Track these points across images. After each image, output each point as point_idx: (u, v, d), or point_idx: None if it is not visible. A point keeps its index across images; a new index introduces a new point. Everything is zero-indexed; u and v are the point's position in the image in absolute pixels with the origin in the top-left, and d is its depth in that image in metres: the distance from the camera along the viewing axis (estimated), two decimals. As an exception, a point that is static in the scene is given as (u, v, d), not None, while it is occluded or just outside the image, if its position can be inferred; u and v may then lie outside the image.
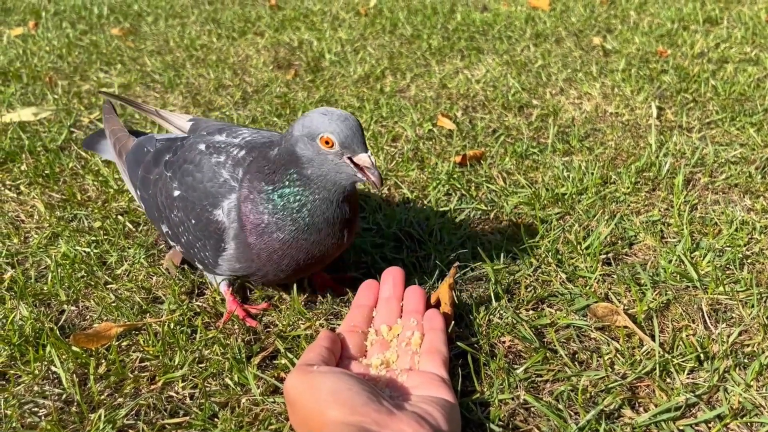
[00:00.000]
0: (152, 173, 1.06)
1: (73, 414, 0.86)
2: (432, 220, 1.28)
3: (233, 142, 1.01)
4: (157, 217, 1.06)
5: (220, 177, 0.96)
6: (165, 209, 1.02)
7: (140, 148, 1.12)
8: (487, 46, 2.49)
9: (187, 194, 0.98)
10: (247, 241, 0.94)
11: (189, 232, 0.99)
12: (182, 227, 1.00)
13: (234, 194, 0.94)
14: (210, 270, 1.02)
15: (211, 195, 0.95)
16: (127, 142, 1.18)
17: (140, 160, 1.10)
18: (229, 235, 0.94)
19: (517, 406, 0.86)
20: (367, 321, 0.93)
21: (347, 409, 0.70)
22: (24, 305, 1.06)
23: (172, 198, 1.00)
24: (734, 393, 0.86)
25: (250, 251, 0.94)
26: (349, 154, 0.86)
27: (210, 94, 2.05)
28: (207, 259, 0.99)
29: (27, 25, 3.03)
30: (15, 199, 1.41)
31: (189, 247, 1.01)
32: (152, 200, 1.06)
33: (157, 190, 1.04)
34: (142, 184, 1.08)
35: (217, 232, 0.95)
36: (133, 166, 1.11)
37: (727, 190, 1.39)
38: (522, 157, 1.56)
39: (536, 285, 1.10)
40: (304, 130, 0.87)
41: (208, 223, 0.96)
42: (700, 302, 1.04)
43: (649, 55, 2.30)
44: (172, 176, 1.01)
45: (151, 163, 1.07)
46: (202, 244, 0.98)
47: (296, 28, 2.84)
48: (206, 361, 0.95)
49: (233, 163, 0.96)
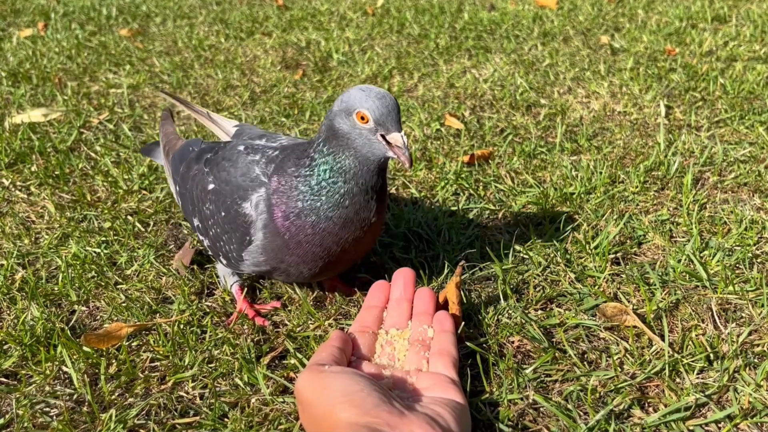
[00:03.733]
0: (192, 170, 1.09)
1: (84, 414, 0.87)
2: (440, 219, 1.28)
3: (270, 145, 1.04)
4: (191, 211, 1.08)
5: (252, 173, 0.98)
6: (198, 202, 1.04)
7: (186, 148, 1.15)
8: (495, 46, 2.49)
9: (220, 188, 1.00)
10: (277, 230, 0.94)
11: (218, 224, 1.01)
12: (212, 220, 1.02)
13: (263, 188, 0.95)
14: (233, 266, 1.03)
15: (241, 188, 0.97)
16: (176, 144, 1.21)
17: (184, 158, 1.13)
18: (257, 227, 0.95)
19: (526, 406, 0.86)
20: (377, 322, 0.94)
21: (359, 410, 0.70)
22: (35, 306, 1.07)
23: (206, 191, 1.03)
24: (744, 393, 0.86)
25: (280, 239, 0.94)
26: (383, 131, 0.87)
27: (218, 95, 2.06)
28: (231, 252, 1.00)
29: (36, 26, 3.05)
30: (25, 200, 1.42)
31: (216, 240, 1.02)
32: (189, 195, 1.08)
33: (194, 185, 1.06)
34: (182, 179, 1.10)
35: (244, 225, 0.96)
36: (176, 164, 1.14)
37: (736, 189, 1.39)
38: (530, 157, 1.56)
39: (545, 285, 1.10)
40: (342, 105, 0.88)
41: (236, 216, 0.97)
42: (709, 302, 1.03)
43: (658, 53, 2.29)
44: (208, 171, 1.04)
45: (193, 160, 1.10)
46: (228, 237, 0.99)
47: (304, 28, 2.84)
48: (216, 361, 0.95)
49: (266, 161, 0.98)
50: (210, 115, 1.26)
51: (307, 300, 1.05)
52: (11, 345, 0.99)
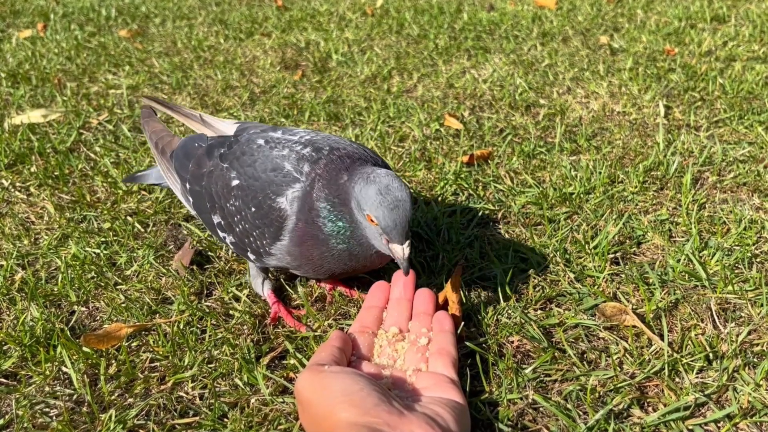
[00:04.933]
0: (205, 166, 1.08)
1: (84, 414, 0.87)
2: (440, 220, 1.28)
3: (292, 138, 1.04)
4: (208, 208, 1.07)
5: (283, 168, 0.98)
6: (220, 199, 1.04)
7: (191, 144, 1.14)
8: (494, 46, 2.49)
9: (247, 183, 1.00)
10: (299, 237, 0.96)
11: (246, 220, 1.00)
12: (238, 216, 1.01)
13: (299, 185, 0.96)
14: (261, 260, 1.03)
15: (274, 184, 0.97)
16: (171, 141, 1.19)
17: (191, 154, 1.12)
18: (288, 227, 0.96)
19: (525, 406, 0.86)
20: (377, 322, 0.94)
21: (359, 410, 0.70)
22: (35, 306, 1.07)
23: (229, 188, 1.02)
24: (744, 392, 0.86)
25: (297, 248, 0.97)
26: (388, 239, 0.89)
27: (218, 95, 2.06)
28: (262, 247, 1.00)
29: (35, 27, 3.05)
30: (25, 201, 1.42)
31: (244, 236, 1.02)
32: (204, 192, 1.07)
33: (212, 182, 1.05)
34: (194, 177, 1.09)
35: (279, 220, 0.97)
36: (182, 161, 1.13)
37: (735, 189, 1.39)
38: (529, 157, 1.56)
39: (544, 284, 1.10)
40: (359, 197, 0.89)
41: (269, 211, 0.97)
42: (708, 301, 1.03)
43: (657, 53, 2.29)
44: (229, 167, 1.03)
45: (204, 156, 1.09)
46: (260, 232, 0.99)
47: (303, 29, 2.84)
48: (216, 361, 0.95)
49: (297, 158, 0.99)
50: (203, 118, 1.23)
51: (308, 302, 1.05)
52: (11, 345, 0.99)
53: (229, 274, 1.16)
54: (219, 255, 1.21)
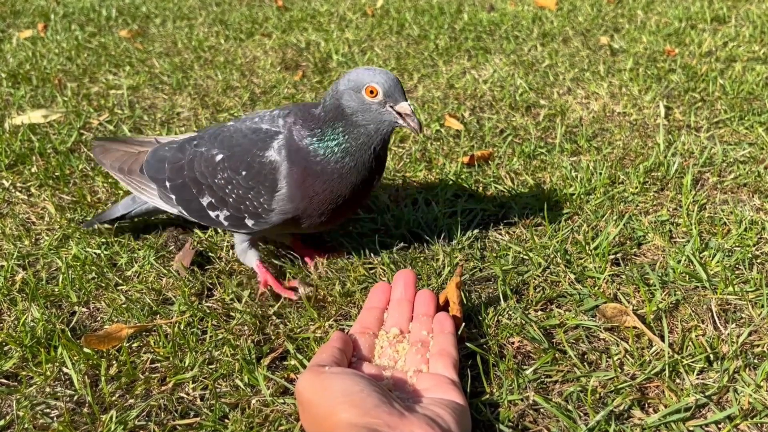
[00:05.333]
0: (181, 160, 1.12)
1: (84, 415, 0.87)
2: (440, 220, 1.28)
3: (264, 114, 1.09)
4: (195, 193, 1.11)
5: (260, 128, 1.06)
6: (206, 178, 1.09)
7: (160, 150, 1.18)
8: (495, 46, 2.49)
9: (231, 152, 1.06)
10: (296, 182, 1.01)
11: (238, 186, 1.05)
12: (230, 186, 1.06)
13: (281, 135, 1.03)
14: (263, 221, 1.07)
15: (259, 141, 1.04)
16: (137, 158, 1.21)
17: (163, 157, 1.15)
18: (282, 174, 1.02)
19: (526, 407, 0.86)
20: (378, 323, 0.94)
21: (359, 411, 0.70)
22: (35, 307, 1.07)
23: (214, 164, 1.07)
24: (744, 393, 0.86)
25: (299, 190, 1.02)
26: (392, 102, 0.96)
27: (218, 96, 2.06)
28: (261, 206, 1.05)
29: (36, 27, 3.05)
30: (26, 201, 1.42)
31: (239, 203, 1.06)
32: (187, 180, 1.11)
33: (193, 167, 1.10)
34: (172, 172, 1.13)
35: (272, 172, 1.02)
36: (156, 166, 1.16)
37: (736, 190, 1.39)
38: (530, 158, 1.56)
39: (545, 285, 1.10)
40: (350, 83, 0.97)
41: (260, 167, 1.03)
42: (709, 302, 1.03)
43: (657, 54, 2.29)
44: (208, 148, 1.09)
45: (177, 153, 1.14)
46: (256, 191, 1.04)
47: (303, 29, 2.85)
48: (216, 362, 0.95)
49: (270, 119, 1.06)
50: (158, 140, 1.24)
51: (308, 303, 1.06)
52: (12, 346, 0.99)
53: (230, 274, 1.16)
54: (219, 256, 1.21)
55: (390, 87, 0.96)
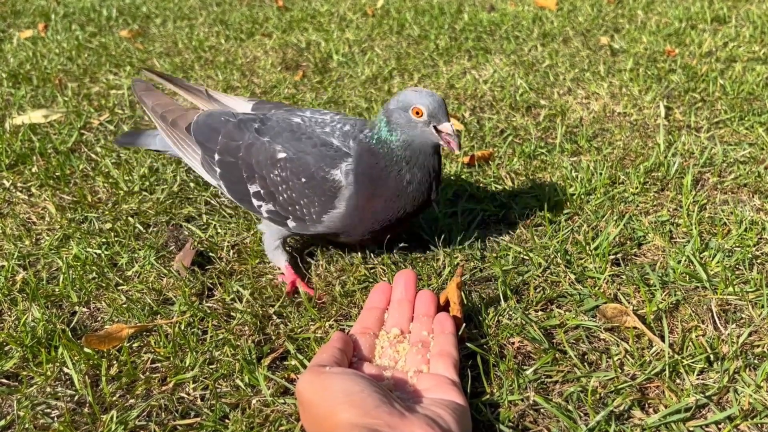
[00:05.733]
0: (240, 139, 1.14)
1: (85, 415, 0.87)
2: (441, 221, 1.28)
3: (325, 119, 1.14)
4: (244, 178, 1.13)
5: (332, 144, 1.09)
6: (262, 169, 1.11)
7: (216, 118, 1.19)
8: (495, 46, 2.49)
9: (296, 156, 1.08)
10: (359, 205, 1.06)
11: (293, 190, 1.08)
12: (284, 185, 1.09)
13: (350, 158, 1.06)
14: (304, 227, 1.10)
15: (327, 157, 1.07)
16: (185, 114, 1.23)
17: (218, 128, 1.17)
18: (344, 195, 1.06)
19: (526, 407, 0.86)
20: (378, 323, 0.94)
21: (360, 411, 0.70)
22: (36, 307, 1.07)
23: (274, 159, 1.10)
24: (744, 394, 0.86)
25: (358, 212, 1.06)
26: (435, 123, 1.02)
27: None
28: (309, 215, 1.08)
29: (36, 27, 3.05)
30: (26, 201, 1.42)
31: (288, 204, 1.09)
32: (241, 163, 1.13)
33: (251, 154, 1.12)
34: (225, 149, 1.15)
35: (332, 191, 1.06)
36: (208, 134, 1.18)
37: (736, 190, 1.39)
38: (530, 158, 1.56)
39: (545, 286, 1.10)
40: (399, 103, 1.04)
41: (323, 182, 1.06)
42: (709, 303, 1.03)
43: (657, 54, 2.29)
44: (271, 140, 1.11)
45: (235, 130, 1.15)
46: (310, 200, 1.07)
47: (304, 29, 2.85)
48: (217, 362, 0.95)
49: (341, 135, 1.10)
50: (208, 93, 1.29)
51: (309, 303, 1.06)
52: (12, 346, 0.99)
53: (230, 274, 1.16)
54: (220, 256, 1.21)
55: (434, 109, 1.02)
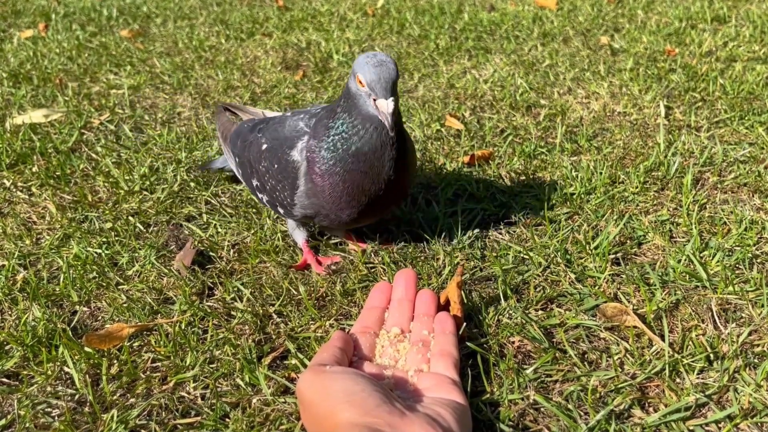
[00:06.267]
0: (248, 140, 1.20)
1: (85, 414, 0.87)
2: (441, 220, 1.28)
3: (315, 109, 1.14)
4: (249, 173, 1.19)
5: (298, 126, 1.10)
6: (256, 163, 1.16)
7: (243, 126, 1.28)
8: (495, 46, 2.49)
9: (272, 144, 1.12)
10: (313, 178, 1.05)
11: (273, 177, 1.12)
12: (267, 175, 1.13)
13: (306, 136, 1.07)
14: (289, 212, 1.14)
15: (288, 139, 1.09)
16: (231, 127, 1.33)
17: (241, 133, 1.25)
18: (301, 172, 1.06)
19: (527, 406, 0.86)
20: (379, 322, 0.94)
21: (360, 410, 0.70)
22: (36, 306, 1.07)
23: (261, 152, 1.15)
24: (744, 393, 0.86)
25: (316, 186, 1.05)
26: (374, 96, 0.95)
27: (219, 96, 2.06)
28: (286, 199, 1.11)
29: (37, 27, 3.05)
30: (27, 201, 1.42)
31: (272, 192, 1.14)
32: (246, 161, 1.20)
33: (250, 151, 1.18)
34: (240, 150, 1.22)
35: (293, 171, 1.07)
36: (235, 141, 1.26)
37: (736, 190, 1.39)
38: (530, 157, 1.56)
39: (545, 285, 1.10)
40: (353, 69, 0.98)
41: (286, 164, 1.08)
42: (709, 302, 1.04)
43: (657, 54, 2.29)
44: (261, 136, 1.16)
45: (248, 133, 1.22)
46: (282, 185, 1.10)
47: (304, 29, 2.85)
48: (217, 361, 0.95)
49: (309, 117, 1.11)
50: (264, 114, 1.38)
51: (309, 301, 1.06)
52: (13, 345, 0.99)
53: (231, 274, 1.16)
54: (220, 255, 1.21)
55: (372, 81, 0.94)
